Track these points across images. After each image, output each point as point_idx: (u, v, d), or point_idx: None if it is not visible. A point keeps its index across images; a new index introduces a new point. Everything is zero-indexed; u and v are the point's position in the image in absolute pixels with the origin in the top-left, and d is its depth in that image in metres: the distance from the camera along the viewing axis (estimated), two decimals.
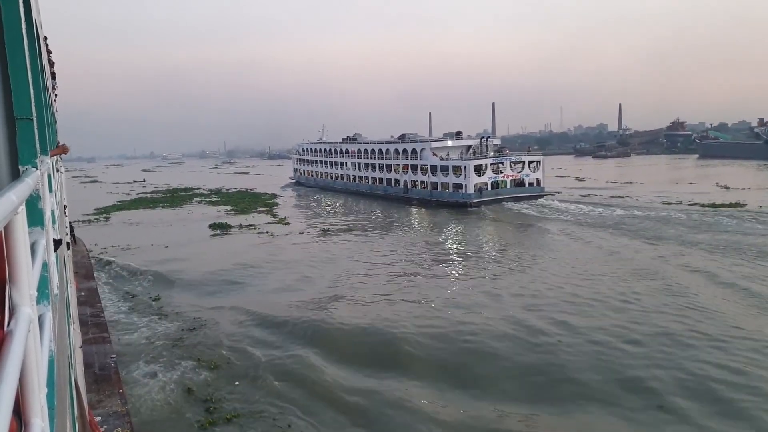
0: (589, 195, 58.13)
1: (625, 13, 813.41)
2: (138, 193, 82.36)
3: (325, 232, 40.49)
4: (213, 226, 43.62)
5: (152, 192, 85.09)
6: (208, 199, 69.95)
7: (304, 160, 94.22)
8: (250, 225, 43.84)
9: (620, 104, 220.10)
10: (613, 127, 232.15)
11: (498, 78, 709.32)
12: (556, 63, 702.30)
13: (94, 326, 13.97)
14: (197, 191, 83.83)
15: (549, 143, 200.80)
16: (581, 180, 79.15)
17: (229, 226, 43.53)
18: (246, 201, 64.94)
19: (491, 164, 55.43)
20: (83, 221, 49.28)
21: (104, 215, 55.40)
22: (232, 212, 54.55)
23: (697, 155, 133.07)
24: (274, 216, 50.28)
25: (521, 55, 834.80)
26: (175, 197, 73.78)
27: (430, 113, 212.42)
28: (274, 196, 73.25)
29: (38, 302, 1.91)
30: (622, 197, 54.80)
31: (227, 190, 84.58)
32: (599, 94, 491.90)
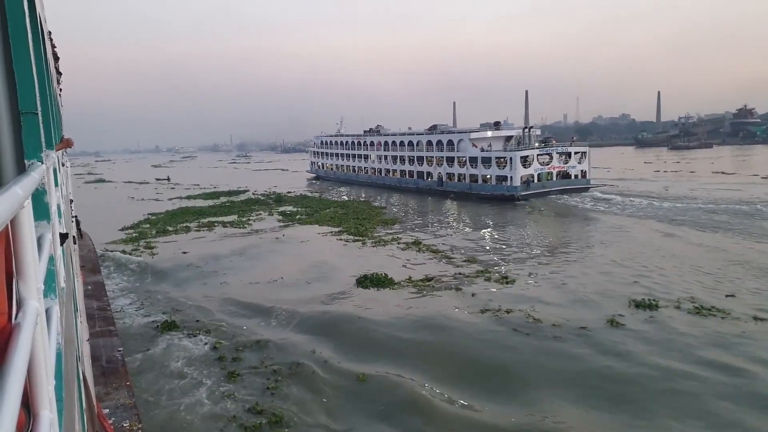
0: None
1: (638, 4, 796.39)
2: (170, 199, 65.34)
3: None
4: (363, 284, 24.94)
5: (188, 197, 67.63)
6: (279, 210, 52.01)
7: (323, 153, 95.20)
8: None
9: (659, 92, 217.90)
10: (640, 117, 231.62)
11: (511, 69, 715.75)
12: (571, 53, 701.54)
13: (101, 320, 14.73)
14: (248, 195, 67.40)
15: (590, 133, 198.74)
16: None
17: (392, 283, 24.93)
18: (350, 217, 46.20)
19: (538, 155, 55.40)
20: (111, 250, 32.86)
21: (145, 244, 35.48)
22: (350, 239, 36.44)
23: None
24: (446, 256, 30.39)
25: (537, 46, 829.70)
26: (227, 206, 55.89)
27: (454, 103, 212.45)
28: (372, 205, 55.55)
29: (45, 295, 2.03)
30: None
31: (288, 193, 68.42)
32: (612, 84, 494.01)
